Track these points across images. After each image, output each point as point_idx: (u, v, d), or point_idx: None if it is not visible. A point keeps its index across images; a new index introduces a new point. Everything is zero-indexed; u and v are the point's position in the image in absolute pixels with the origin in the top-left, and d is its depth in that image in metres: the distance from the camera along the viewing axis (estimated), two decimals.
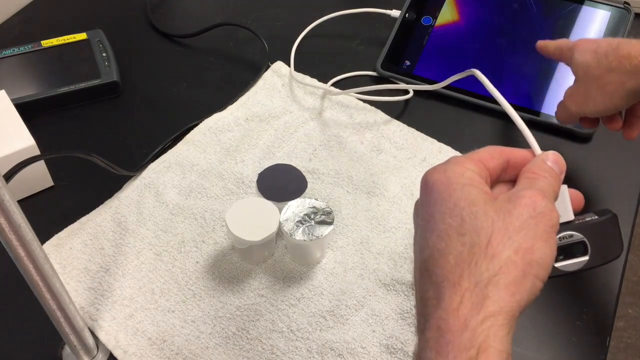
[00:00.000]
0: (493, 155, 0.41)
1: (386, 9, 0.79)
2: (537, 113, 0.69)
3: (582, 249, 0.40)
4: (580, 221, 0.41)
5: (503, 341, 0.33)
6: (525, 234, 0.36)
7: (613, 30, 0.72)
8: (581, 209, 0.43)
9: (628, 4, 0.73)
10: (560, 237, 0.41)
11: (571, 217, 0.41)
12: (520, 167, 0.41)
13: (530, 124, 0.65)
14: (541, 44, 0.62)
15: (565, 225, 0.41)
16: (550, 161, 0.41)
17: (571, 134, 0.68)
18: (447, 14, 0.77)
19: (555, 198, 0.40)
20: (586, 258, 0.41)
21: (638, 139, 0.68)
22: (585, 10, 0.74)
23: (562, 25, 0.74)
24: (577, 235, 0.40)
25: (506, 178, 0.42)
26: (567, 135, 0.68)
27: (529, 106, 0.70)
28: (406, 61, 0.75)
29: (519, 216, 0.36)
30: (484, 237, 0.36)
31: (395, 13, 0.79)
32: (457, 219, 0.37)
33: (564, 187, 0.41)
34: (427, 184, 0.40)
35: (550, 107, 0.69)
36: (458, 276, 0.35)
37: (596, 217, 0.42)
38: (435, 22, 0.77)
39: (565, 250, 0.40)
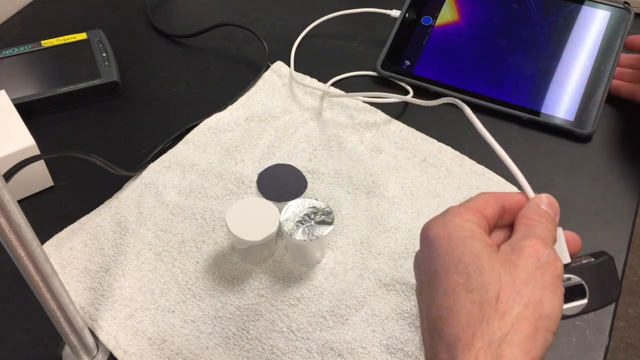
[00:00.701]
0: (489, 202, 0.40)
1: (386, 9, 0.79)
2: (537, 113, 0.69)
3: (581, 292, 0.40)
4: (578, 264, 0.40)
5: None
6: (533, 287, 0.35)
7: (613, 30, 0.72)
8: (579, 251, 0.42)
9: (628, 3, 0.73)
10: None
11: (568, 259, 0.41)
12: (515, 212, 0.41)
13: (530, 124, 0.66)
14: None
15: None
16: (544, 205, 0.40)
17: (571, 134, 0.68)
18: (447, 14, 0.77)
19: (554, 242, 0.39)
20: (585, 301, 0.40)
21: (637, 139, 0.68)
22: (585, 10, 0.74)
23: (562, 25, 0.73)
24: (575, 279, 0.40)
25: (502, 224, 0.41)
26: (567, 135, 0.68)
27: (528, 106, 0.70)
28: (406, 61, 0.75)
29: (524, 268, 0.36)
30: (492, 292, 0.35)
31: (395, 13, 0.78)
32: (463, 275, 0.36)
33: (560, 230, 0.41)
34: (427, 238, 0.39)
35: (550, 107, 0.69)
36: (470, 336, 0.34)
37: (592, 259, 0.41)
38: (435, 22, 0.76)
39: (565, 294, 0.39)
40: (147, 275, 0.57)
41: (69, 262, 0.58)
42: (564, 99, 0.69)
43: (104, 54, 0.75)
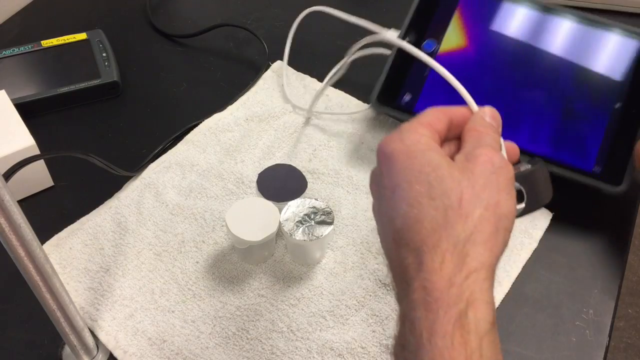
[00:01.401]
0: (439, 117, 0.42)
1: (384, 22, 0.67)
2: (560, 164, 0.58)
3: (520, 196, 0.42)
4: (517, 172, 0.42)
5: (488, 293, 0.35)
6: (490, 190, 0.37)
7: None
8: (517, 159, 0.44)
9: None
10: None
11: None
12: (461, 125, 0.42)
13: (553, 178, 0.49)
14: None
15: None
16: (488, 117, 0.42)
17: (598, 192, 0.59)
18: (453, 38, 0.64)
19: (499, 150, 0.41)
20: (523, 205, 0.42)
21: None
22: (612, 39, 0.63)
23: (587, 54, 0.62)
24: (515, 185, 0.41)
25: (450, 137, 0.43)
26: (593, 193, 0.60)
27: (549, 154, 0.59)
28: (406, 94, 0.64)
29: (481, 174, 0.38)
30: (454, 198, 0.37)
31: (392, 35, 0.65)
32: (424, 184, 0.37)
33: (501, 140, 0.43)
34: (386, 154, 0.40)
35: (572, 155, 0.59)
36: (436, 239, 0.36)
37: (529, 166, 0.43)
38: (439, 47, 0.64)
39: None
40: (147, 275, 0.57)
41: (69, 262, 0.58)
42: (585, 146, 0.59)
43: (104, 54, 0.75)
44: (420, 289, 0.35)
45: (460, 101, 0.41)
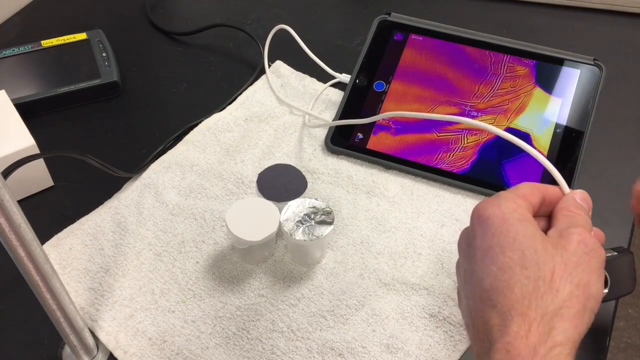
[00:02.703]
0: (533, 192, 0.43)
1: (338, 69, 0.73)
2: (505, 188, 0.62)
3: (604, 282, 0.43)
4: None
5: None
6: (582, 270, 0.38)
7: (584, 88, 0.66)
8: (602, 244, 0.45)
9: (598, 60, 0.67)
10: None
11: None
12: (552, 204, 0.44)
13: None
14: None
15: None
16: (579, 199, 0.44)
17: None
18: (401, 78, 0.69)
19: (591, 233, 0.42)
20: (606, 291, 0.43)
21: (636, 135, 0.68)
22: (553, 69, 0.67)
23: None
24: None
25: (540, 213, 0.44)
26: None
27: (497, 182, 0.62)
28: (358, 134, 0.66)
29: (574, 253, 0.39)
30: (547, 271, 0.38)
31: (344, 78, 0.72)
32: (517, 252, 0.39)
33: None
34: (481, 217, 0.41)
35: (519, 180, 0.61)
36: (525, 307, 0.37)
37: (615, 253, 0.45)
38: (388, 87, 0.69)
39: None
40: (147, 276, 0.57)
41: (69, 262, 0.58)
42: (533, 170, 0.62)
43: (104, 54, 0.75)
44: (504, 351, 0.36)
45: (406, 138, 0.39)
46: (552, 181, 0.46)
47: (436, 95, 0.68)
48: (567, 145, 0.63)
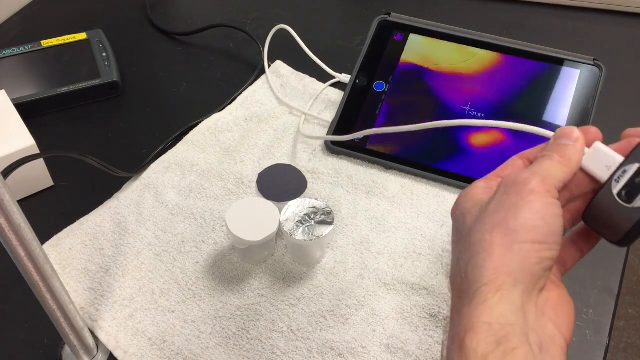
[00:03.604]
0: (513, 162, 0.43)
1: (339, 70, 0.73)
2: None
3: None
4: (629, 154, 0.39)
5: (493, 312, 0.34)
6: (497, 212, 0.37)
7: (584, 88, 0.65)
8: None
9: (598, 60, 0.66)
10: (616, 179, 0.39)
11: (619, 159, 0.40)
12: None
13: None
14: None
15: (619, 168, 0.40)
16: (551, 144, 0.41)
17: None
18: (401, 78, 0.69)
19: (568, 166, 0.39)
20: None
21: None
22: (553, 69, 0.67)
23: (531, 84, 0.66)
24: (632, 166, 0.39)
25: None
26: None
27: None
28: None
29: (492, 202, 0.38)
30: (465, 234, 0.39)
31: (344, 78, 0.72)
32: (455, 234, 0.41)
33: (596, 144, 0.41)
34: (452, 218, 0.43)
35: None
36: (452, 277, 0.39)
37: None
38: (388, 87, 0.69)
39: (629, 188, 0.39)
40: (147, 276, 0.57)
41: (69, 262, 0.58)
42: None
43: (104, 54, 0.75)
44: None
45: (408, 135, 0.39)
46: None
47: (436, 95, 0.68)
48: None
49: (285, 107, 0.71)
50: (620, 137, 0.42)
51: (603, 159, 0.40)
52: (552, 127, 0.64)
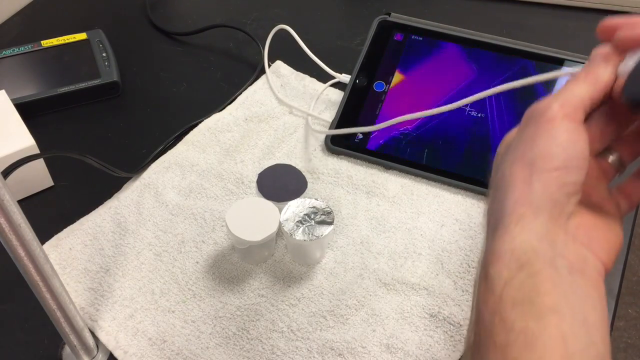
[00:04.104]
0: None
1: (338, 71, 0.73)
2: None
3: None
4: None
5: (515, 239, 0.34)
6: (515, 146, 0.37)
7: None
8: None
9: None
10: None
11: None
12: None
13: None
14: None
15: None
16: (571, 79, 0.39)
17: None
18: (400, 78, 0.69)
19: (594, 82, 0.37)
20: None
21: None
22: (553, 69, 0.65)
23: (531, 84, 0.67)
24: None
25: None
26: None
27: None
28: (358, 134, 0.66)
29: (514, 137, 0.38)
30: (493, 172, 0.38)
31: (344, 78, 0.72)
32: (493, 172, 0.39)
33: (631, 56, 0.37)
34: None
35: None
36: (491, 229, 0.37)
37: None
38: (388, 87, 0.68)
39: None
40: (147, 276, 0.57)
41: (69, 262, 0.58)
42: None
43: (104, 54, 0.75)
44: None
45: (405, 138, 0.37)
46: None
47: (436, 95, 0.68)
48: None
49: (285, 107, 0.71)
50: (598, 32, 0.41)
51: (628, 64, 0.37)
52: None
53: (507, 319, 0.32)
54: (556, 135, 0.36)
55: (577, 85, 0.37)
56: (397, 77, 0.69)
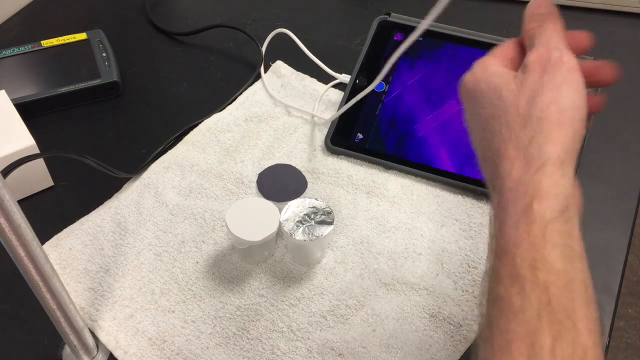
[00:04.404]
0: (507, 45, 0.44)
1: (338, 72, 0.73)
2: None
3: None
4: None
5: (558, 184, 0.36)
6: (544, 92, 0.38)
7: None
8: (585, 50, 0.44)
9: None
10: None
11: None
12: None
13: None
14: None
15: None
16: (537, 8, 0.43)
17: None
18: (400, 78, 0.69)
19: (562, 36, 0.42)
20: None
21: (636, 135, 0.68)
22: None
23: None
24: None
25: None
26: None
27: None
28: (358, 134, 0.67)
29: (532, 81, 0.39)
30: (513, 111, 0.39)
31: (344, 78, 0.72)
32: (490, 107, 0.40)
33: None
34: (460, 89, 0.43)
35: None
36: (504, 150, 0.38)
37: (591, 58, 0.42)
38: (388, 87, 0.69)
39: None
40: (147, 276, 0.57)
41: (69, 262, 0.58)
42: None
43: (104, 54, 0.75)
44: (496, 193, 0.38)
45: (405, 137, 0.38)
46: None
47: (436, 95, 0.68)
48: None
49: (285, 107, 0.71)
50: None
51: None
52: None
53: (548, 258, 0.35)
54: (579, 88, 0.39)
55: (559, 35, 0.42)
56: (397, 77, 0.70)
